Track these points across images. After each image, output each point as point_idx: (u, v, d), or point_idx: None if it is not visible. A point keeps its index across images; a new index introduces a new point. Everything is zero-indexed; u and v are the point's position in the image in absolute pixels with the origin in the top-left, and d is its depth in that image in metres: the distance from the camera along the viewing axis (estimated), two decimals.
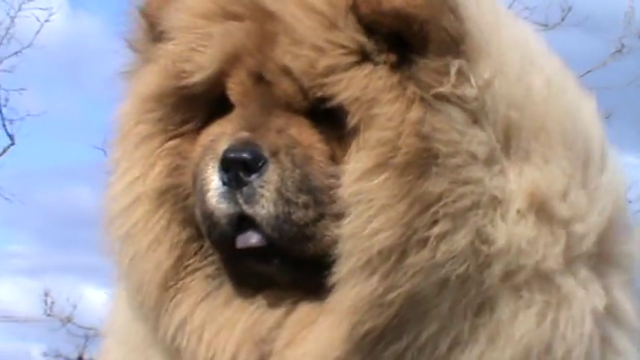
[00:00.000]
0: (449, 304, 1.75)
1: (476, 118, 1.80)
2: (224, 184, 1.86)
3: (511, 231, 1.74)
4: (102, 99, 1.64)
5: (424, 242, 1.71)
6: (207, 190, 1.87)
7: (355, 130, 1.82)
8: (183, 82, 1.92)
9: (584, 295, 1.84)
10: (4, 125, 15.06)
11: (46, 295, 16.15)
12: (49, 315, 16.47)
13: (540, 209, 1.80)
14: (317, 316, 1.87)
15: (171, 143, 2.00)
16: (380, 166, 1.73)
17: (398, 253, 1.71)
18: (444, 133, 1.72)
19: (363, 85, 1.79)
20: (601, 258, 1.95)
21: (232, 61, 1.89)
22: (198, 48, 1.91)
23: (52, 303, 16.20)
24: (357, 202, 1.75)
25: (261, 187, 1.82)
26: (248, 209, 1.84)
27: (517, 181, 1.78)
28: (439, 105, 1.75)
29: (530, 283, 1.79)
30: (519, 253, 1.76)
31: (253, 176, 1.82)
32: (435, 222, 1.69)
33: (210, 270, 1.98)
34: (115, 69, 2.12)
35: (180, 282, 1.99)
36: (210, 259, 1.99)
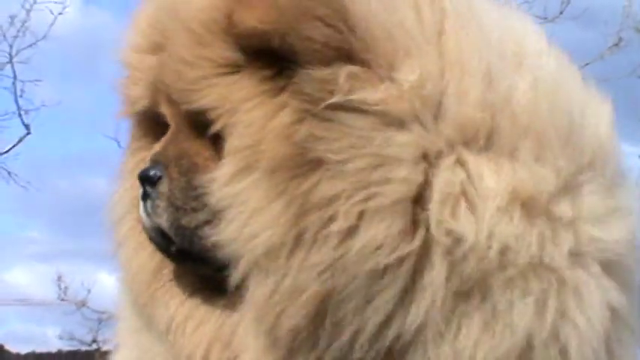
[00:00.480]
0: (395, 292, 1.70)
1: (397, 120, 1.73)
2: (142, 199, 1.99)
3: (490, 227, 1.70)
4: (114, 90, 1.66)
5: (323, 240, 1.67)
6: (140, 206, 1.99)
7: (223, 138, 1.86)
8: (135, 114, 2.10)
9: (598, 288, 1.80)
10: (20, 115, 15.29)
11: (59, 279, 16.22)
12: (62, 299, 16.56)
13: (530, 206, 1.77)
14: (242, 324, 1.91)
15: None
16: (245, 170, 1.75)
17: (286, 252, 1.68)
18: (332, 140, 1.68)
19: (223, 95, 1.82)
20: (617, 261, 1.90)
21: (156, 90, 1.99)
22: (135, 82, 2.06)
23: (66, 288, 16.32)
24: (228, 205, 1.78)
25: (158, 198, 1.93)
26: (155, 220, 1.95)
27: (493, 178, 1.74)
28: (329, 114, 1.71)
29: (527, 276, 1.75)
30: (505, 248, 1.72)
31: (153, 190, 1.94)
32: (332, 220, 1.65)
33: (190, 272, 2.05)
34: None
35: (167, 283, 2.08)
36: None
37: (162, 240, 1.95)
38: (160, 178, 1.90)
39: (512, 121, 1.80)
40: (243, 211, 1.71)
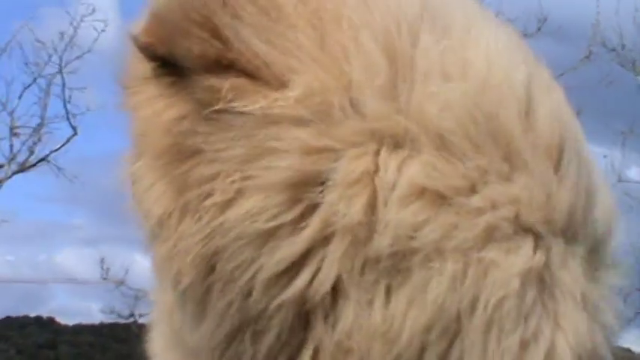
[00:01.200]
0: (283, 256, 1.64)
1: (285, 119, 1.67)
2: None
3: (396, 216, 1.69)
4: None
5: (204, 210, 1.65)
6: None
7: None
8: None
9: (512, 260, 1.71)
10: (68, 118, 17.00)
11: (102, 261, 17.83)
12: (104, 278, 18.11)
13: (432, 198, 1.70)
14: None
15: None
16: (138, 155, 1.80)
17: (174, 222, 1.69)
18: (210, 134, 1.70)
19: (133, 99, 1.92)
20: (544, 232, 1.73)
21: None
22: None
23: (108, 268, 17.73)
24: (133, 183, 1.84)
25: None
26: None
27: (394, 171, 1.68)
28: (213, 115, 1.70)
29: (441, 258, 1.71)
30: (408, 236, 1.69)
31: None
32: (211, 194, 1.63)
33: None
34: None
35: None
36: None
37: None
38: None
39: (418, 119, 1.70)
40: (139, 189, 1.77)
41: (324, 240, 1.53)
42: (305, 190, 1.54)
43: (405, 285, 1.62)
